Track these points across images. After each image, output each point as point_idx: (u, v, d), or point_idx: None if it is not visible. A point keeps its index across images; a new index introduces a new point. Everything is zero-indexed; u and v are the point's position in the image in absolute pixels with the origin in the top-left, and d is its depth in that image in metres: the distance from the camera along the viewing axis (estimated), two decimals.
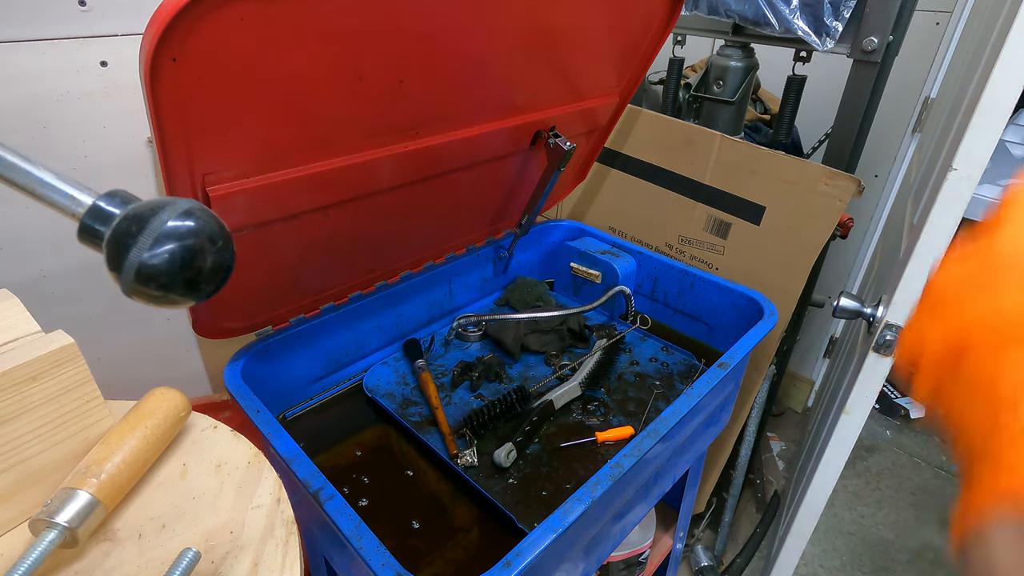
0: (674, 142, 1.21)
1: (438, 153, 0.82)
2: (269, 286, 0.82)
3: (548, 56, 0.84)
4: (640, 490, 0.79)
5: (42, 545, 0.42)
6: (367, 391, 0.94)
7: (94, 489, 0.46)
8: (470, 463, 0.79)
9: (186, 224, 0.31)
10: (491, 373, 0.97)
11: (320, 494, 0.61)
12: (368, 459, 0.85)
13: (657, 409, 0.90)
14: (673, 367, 1.00)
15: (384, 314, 1.01)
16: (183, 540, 0.50)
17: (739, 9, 1.11)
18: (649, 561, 1.18)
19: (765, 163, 1.08)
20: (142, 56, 0.49)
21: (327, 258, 0.85)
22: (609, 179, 1.35)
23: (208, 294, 0.33)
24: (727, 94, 1.26)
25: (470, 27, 0.70)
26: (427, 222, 0.96)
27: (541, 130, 0.97)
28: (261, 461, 0.58)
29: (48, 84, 0.78)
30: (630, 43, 0.96)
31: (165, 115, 0.53)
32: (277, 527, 0.51)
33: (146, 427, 0.53)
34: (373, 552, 0.55)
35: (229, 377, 0.78)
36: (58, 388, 0.49)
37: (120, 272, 0.31)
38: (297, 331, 0.89)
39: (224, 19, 0.50)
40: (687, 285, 1.09)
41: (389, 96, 0.70)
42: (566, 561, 0.68)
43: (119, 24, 0.81)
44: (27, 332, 0.50)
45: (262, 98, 0.59)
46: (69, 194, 0.33)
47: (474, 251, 1.13)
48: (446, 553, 0.71)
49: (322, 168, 0.70)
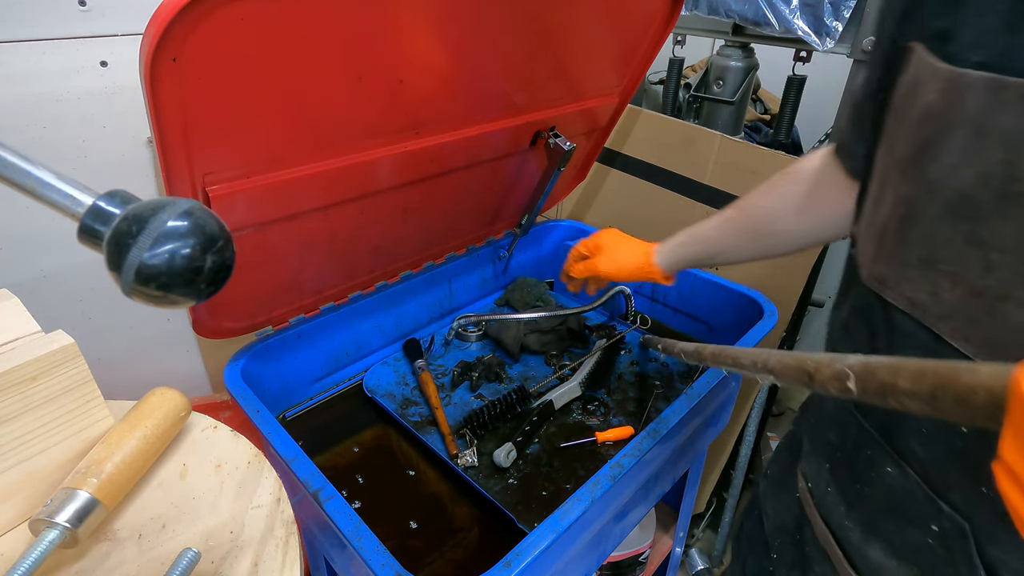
0: (674, 142, 1.21)
1: (438, 153, 0.82)
2: (269, 286, 0.82)
3: (548, 56, 0.84)
4: (640, 490, 0.79)
5: (42, 545, 0.42)
6: (367, 391, 0.94)
7: (94, 489, 0.46)
8: (470, 463, 0.79)
9: (186, 224, 0.31)
10: (491, 373, 0.97)
11: (320, 494, 0.61)
12: (368, 459, 0.85)
13: (657, 409, 0.90)
14: (673, 367, 1.00)
15: (384, 314, 1.01)
16: (183, 540, 0.50)
17: (739, 9, 1.11)
18: (649, 561, 1.18)
19: (765, 163, 1.08)
20: (142, 56, 0.49)
21: (327, 258, 0.85)
22: (609, 179, 1.35)
23: (208, 294, 0.33)
24: (727, 94, 1.26)
25: (470, 27, 0.70)
26: (427, 222, 0.96)
27: (541, 130, 0.97)
28: (261, 461, 0.58)
29: (48, 84, 0.78)
30: (630, 43, 0.96)
31: (165, 115, 0.53)
32: (277, 527, 0.51)
33: (146, 427, 0.53)
34: (373, 552, 0.55)
35: (229, 377, 0.78)
36: (58, 388, 0.49)
37: (120, 272, 0.31)
38: (297, 331, 0.89)
39: (224, 19, 0.50)
40: (688, 285, 1.09)
41: (389, 96, 0.70)
42: (566, 561, 0.68)
43: (119, 24, 0.81)
44: (27, 332, 0.50)
45: (262, 98, 0.59)
46: (69, 194, 0.33)
47: (474, 251, 1.13)
48: (446, 553, 0.71)
49: (322, 168, 0.70)
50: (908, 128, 0.39)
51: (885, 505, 0.45)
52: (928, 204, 0.37)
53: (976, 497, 0.39)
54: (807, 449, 0.56)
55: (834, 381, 0.32)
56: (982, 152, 0.33)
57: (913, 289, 0.39)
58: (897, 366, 0.27)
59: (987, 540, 0.39)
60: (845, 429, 0.49)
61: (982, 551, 0.39)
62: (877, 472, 0.45)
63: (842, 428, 0.49)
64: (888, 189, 0.41)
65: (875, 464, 0.45)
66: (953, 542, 0.40)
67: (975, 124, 0.33)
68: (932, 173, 0.36)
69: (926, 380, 0.25)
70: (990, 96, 0.32)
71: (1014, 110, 0.31)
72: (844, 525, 0.49)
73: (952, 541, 0.40)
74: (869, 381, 0.29)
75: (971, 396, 0.23)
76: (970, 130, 0.34)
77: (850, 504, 0.49)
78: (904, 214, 0.39)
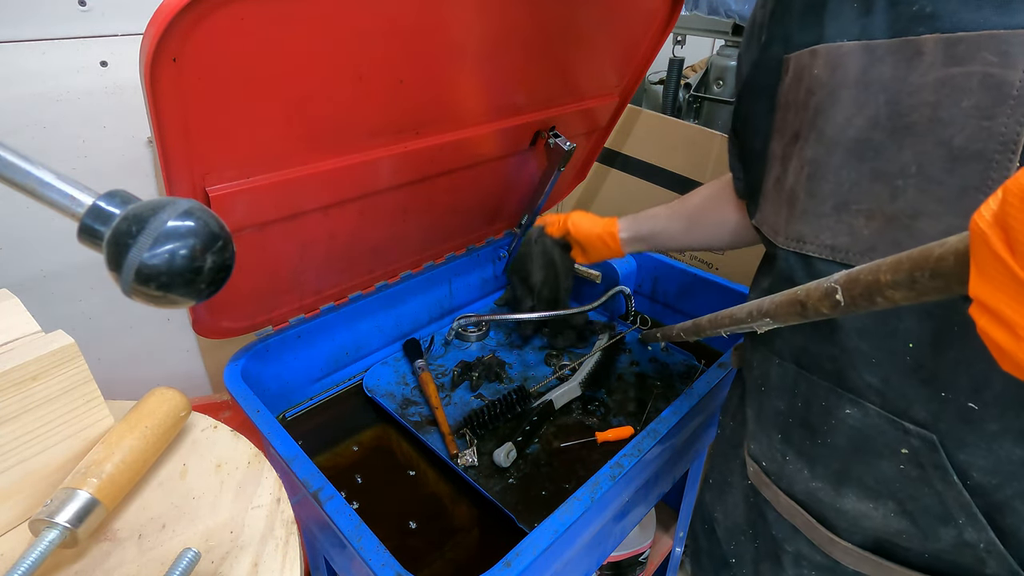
0: (674, 142, 1.21)
1: (438, 153, 0.82)
2: (269, 286, 0.82)
3: (548, 56, 0.84)
4: (640, 490, 0.79)
5: (42, 545, 0.42)
6: (367, 391, 0.94)
7: (94, 489, 0.46)
8: (470, 463, 0.79)
9: (186, 224, 0.31)
10: (491, 373, 0.97)
11: (320, 494, 0.61)
12: (368, 459, 0.85)
13: (657, 409, 0.90)
14: (673, 367, 1.00)
15: (384, 314, 1.01)
16: (183, 540, 0.50)
17: (739, 9, 1.11)
18: (649, 561, 1.18)
19: None
20: (142, 56, 0.49)
21: (327, 258, 0.85)
22: (609, 179, 1.35)
23: (208, 294, 0.33)
24: (727, 94, 1.26)
25: (470, 27, 0.70)
26: (427, 222, 0.96)
27: (541, 130, 0.97)
28: (261, 461, 0.58)
29: (48, 84, 0.78)
30: (630, 43, 0.96)
31: (165, 115, 0.53)
32: (277, 527, 0.51)
33: (146, 427, 0.53)
34: (373, 552, 0.55)
35: (229, 377, 0.78)
36: (58, 388, 0.49)
37: (120, 272, 0.31)
38: (297, 331, 0.89)
39: (224, 19, 0.50)
40: (687, 285, 1.09)
41: (389, 96, 0.70)
42: (566, 561, 0.68)
43: (119, 24, 0.81)
44: (27, 332, 0.50)
45: (262, 98, 0.59)
46: (69, 194, 0.33)
47: (474, 251, 1.13)
48: (446, 553, 0.71)
49: (322, 168, 0.70)
50: (797, 107, 0.46)
51: (851, 448, 0.47)
52: (830, 157, 0.43)
53: (937, 406, 0.41)
54: (752, 429, 0.57)
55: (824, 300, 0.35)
56: (869, 100, 0.40)
57: (832, 235, 0.44)
58: (876, 266, 0.30)
59: (955, 447, 0.41)
60: (792, 391, 0.51)
61: (953, 461, 0.41)
62: (836, 418, 0.47)
63: (789, 392, 0.51)
64: (788, 163, 0.47)
65: (832, 412, 0.47)
66: (924, 459, 0.43)
67: (858, 80, 0.40)
68: (829, 132, 0.43)
69: (903, 267, 0.28)
70: (865, 57, 0.40)
71: (887, 63, 0.39)
72: (811, 488, 0.51)
73: (923, 458, 0.43)
74: (855, 287, 0.32)
75: (943, 265, 0.25)
76: (855, 87, 0.41)
77: (813, 462, 0.50)
78: (810, 173, 0.44)
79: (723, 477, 0.65)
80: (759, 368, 0.55)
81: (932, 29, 0.37)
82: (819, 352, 0.48)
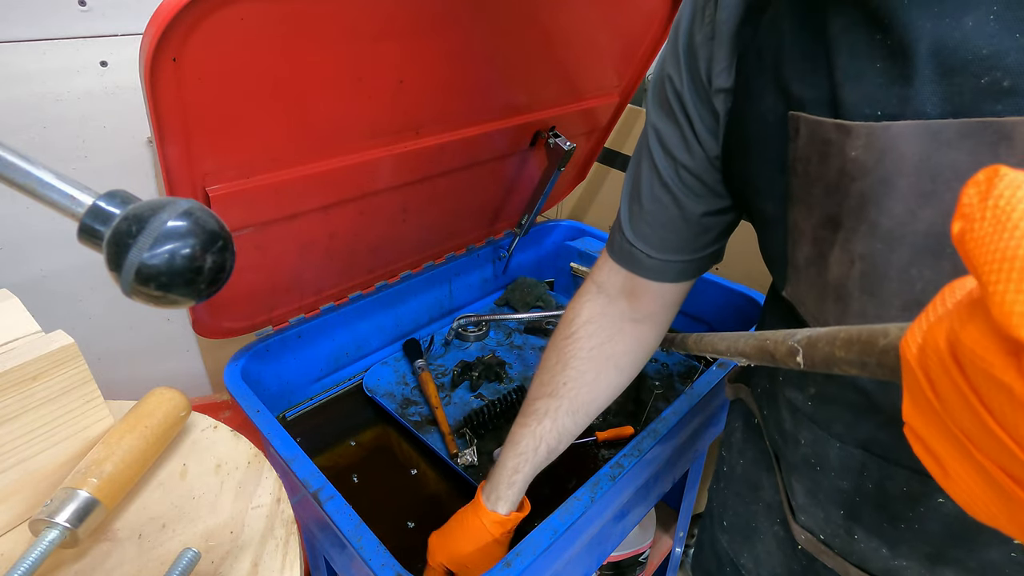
0: None
1: (438, 153, 0.82)
2: (269, 286, 0.82)
3: (548, 56, 0.84)
4: (640, 490, 0.79)
5: (42, 545, 0.42)
6: (367, 391, 0.94)
7: (94, 489, 0.46)
8: (470, 463, 0.79)
9: (186, 224, 0.31)
10: (491, 373, 0.97)
11: (320, 494, 0.61)
12: (368, 459, 0.85)
13: (657, 409, 0.90)
14: (673, 367, 1.00)
15: (384, 314, 1.01)
16: (183, 540, 0.50)
17: None
18: (649, 561, 1.18)
19: None
20: (142, 56, 0.49)
21: (327, 258, 0.85)
22: (609, 179, 1.35)
23: (208, 294, 0.33)
24: None
25: (470, 27, 0.70)
26: (427, 222, 0.96)
27: (541, 130, 0.97)
28: (261, 461, 0.58)
29: (48, 84, 0.78)
30: (630, 43, 0.96)
31: (165, 115, 0.53)
32: (277, 527, 0.51)
33: (146, 427, 0.53)
34: (373, 552, 0.55)
35: (229, 377, 0.78)
36: (58, 388, 0.49)
37: (120, 272, 0.31)
38: (297, 331, 0.89)
39: (224, 19, 0.50)
40: None
41: (389, 96, 0.70)
42: (566, 561, 0.68)
43: (119, 24, 0.81)
44: (27, 332, 0.50)
45: (262, 98, 0.59)
46: (69, 194, 0.33)
47: (474, 251, 1.13)
48: None
49: (322, 168, 0.70)
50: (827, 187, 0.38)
51: (946, 534, 0.42)
52: (891, 254, 0.36)
53: None
54: (802, 503, 0.51)
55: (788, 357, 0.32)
56: (939, 190, 0.33)
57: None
58: (833, 336, 0.28)
59: None
60: (860, 473, 0.45)
61: None
62: (926, 506, 0.42)
63: (855, 473, 0.46)
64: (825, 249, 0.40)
65: (919, 500, 0.42)
66: None
67: (920, 168, 0.33)
68: (886, 224, 0.36)
69: (854, 348, 0.26)
70: (927, 141, 0.33)
71: (961, 149, 0.32)
72: (894, 565, 0.46)
73: None
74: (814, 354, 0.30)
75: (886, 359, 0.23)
76: (915, 175, 0.33)
77: (895, 544, 0.45)
78: (865, 271, 0.38)
79: (743, 521, 0.59)
80: (811, 447, 0.49)
81: (1017, 108, 0.31)
82: (895, 444, 0.42)
